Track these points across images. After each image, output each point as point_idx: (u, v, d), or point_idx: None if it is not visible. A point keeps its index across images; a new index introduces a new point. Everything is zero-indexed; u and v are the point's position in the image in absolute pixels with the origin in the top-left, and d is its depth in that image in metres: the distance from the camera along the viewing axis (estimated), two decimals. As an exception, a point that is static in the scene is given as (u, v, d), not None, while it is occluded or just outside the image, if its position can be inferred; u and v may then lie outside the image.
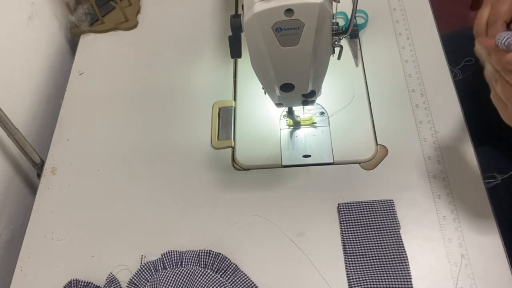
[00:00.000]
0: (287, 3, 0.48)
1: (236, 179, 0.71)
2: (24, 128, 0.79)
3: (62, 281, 0.64)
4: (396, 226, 0.63)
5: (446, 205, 0.65)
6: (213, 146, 0.75)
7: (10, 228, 0.78)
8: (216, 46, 0.87)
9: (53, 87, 0.91)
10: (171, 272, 0.62)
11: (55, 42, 0.93)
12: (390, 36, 0.83)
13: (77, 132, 0.79)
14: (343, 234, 0.64)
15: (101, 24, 0.92)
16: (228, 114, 0.78)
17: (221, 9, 0.92)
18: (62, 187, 0.74)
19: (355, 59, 0.81)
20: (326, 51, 0.56)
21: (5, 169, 0.77)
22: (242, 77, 0.82)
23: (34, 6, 0.86)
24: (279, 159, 0.72)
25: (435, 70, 0.78)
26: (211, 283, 0.61)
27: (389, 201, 0.66)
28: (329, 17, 0.51)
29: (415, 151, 0.70)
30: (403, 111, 0.74)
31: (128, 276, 0.63)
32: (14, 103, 0.79)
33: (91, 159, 0.76)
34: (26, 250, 0.68)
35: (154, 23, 0.92)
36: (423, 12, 0.85)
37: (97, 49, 0.90)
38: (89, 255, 0.67)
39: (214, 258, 0.63)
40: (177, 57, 0.86)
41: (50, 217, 0.71)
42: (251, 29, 0.51)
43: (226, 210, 0.68)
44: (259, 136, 0.75)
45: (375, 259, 0.61)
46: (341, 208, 0.66)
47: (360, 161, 0.70)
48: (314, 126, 0.75)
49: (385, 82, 0.78)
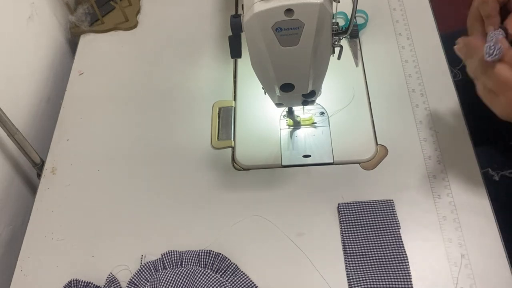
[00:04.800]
0: (287, 3, 0.48)
1: (236, 179, 0.71)
2: (24, 128, 0.79)
3: (62, 281, 0.64)
4: (396, 226, 0.63)
5: (446, 205, 0.65)
6: (213, 146, 0.75)
7: (10, 228, 0.78)
8: (216, 46, 0.87)
9: (53, 87, 0.91)
10: (171, 272, 0.62)
11: (55, 42, 0.93)
12: (390, 36, 0.83)
13: (77, 132, 0.79)
14: (343, 234, 0.64)
15: (101, 24, 0.92)
16: (228, 114, 0.78)
17: (221, 9, 0.92)
18: (62, 187, 0.74)
19: (355, 59, 0.81)
20: (326, 51, 0.56)
21: (5, 169, 0.77)
22: (242, 77, 0.82)
23: (34, 6, 0.86)
24: (279, 159, 0.72)
25: (435, 70, 0.78)
26: (211, 283, 0.61)
27: (389, 201, 0.66)
28: (329, 17, 0.51)
29: (415, 151, 0.70)
30: (403, 111, 0.74)
31: (128, 276, 0.63)
32: (14, 103, 0.79)
33: (91, 159, 0.76)
34: (26, 250, 0.68)
35: (154, 23, 0.92)
36: (423, 12, 0.85)
37: (97, 49, 0.90)
38: (89, 255, 0.67)
39: (214, 258, 0.63)
40: (177, 57, 0.86)
41: (50, 217, 0.71)
42: (251, 29, 0.51)
43: (226, 210, 0.68)
44: (259, 136, 0.75)
45: (375, 259, 0.61)
46: (341, 208, 0.66)
47: (360, 161, 0.70)
48: (314, 126, 0.75)
49: (385, 82, 0.78)
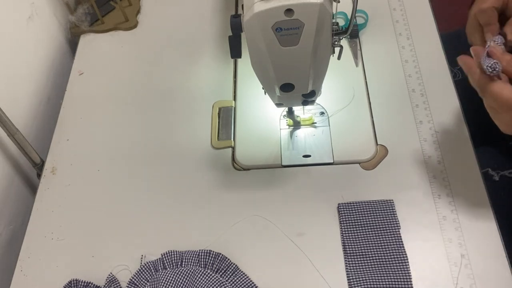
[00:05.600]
0: (287, 3, 0.48)
1: (236, 179, 0.71)
2: (24, 128, 0.79)
3: (62, 281, 0.64)
4: (396, 226, 0.63)
5: (446, 205, 0.65)
6: (213, 146, 0.75)
7: (10, 228, 0.77)
8: (216, 46, 0.87)
9: (53, 87, 0.91)
10: (171, 272, 0.62)
11: (55, 42, 0.93)
12: (390, 36, 0.83)
13: (77, 132, 0.79)
14: (343, 234, 0.64)
15: (101, 24, 0.92)
16: (228, 114, 0.78)
17: (221, 9, 0.92)
18: (62, 187, 0.73)
19: (355, 59, 0.81)
20: (326, 51, 0.56)
21: (5, 169, 0.77)
22: (242, 77, 0.82)
23: (34, 6, 0.86)
24: (279, 159, 0.72)
25: (435, 70, 0.78)
26: (211, 283, 0.61)
27: (389, 201, 0.66)
28: (329, 17, 0.51)
29: (415, 151, 0.70)
30: (403, 111, 0.74)
31: (128, 276, 0.63)
32: (14, 103, 0.79)
33: (91, 159, 0.76)
34: (26, 250, 0.68)
35: (154, 23, 0.92)
36: (423, 12, 0.85)
37: (97, 49, 0.90)
38: (89, 255, 0.67)
39: (214, 258, 0.63)
40: (177, 57, 0.86)
41: (50, 217, 0.71)
42: (251, 29, 0.51)
43: (226, 210, 0.68)
44: (259, 136, 0.75)
45: (375, 259, 0.61)
46: (341, 208, 0.66)
47: (360, 161, 0.70)
48: (314, 126, 0.75)
49: (385, 82, 0.78)
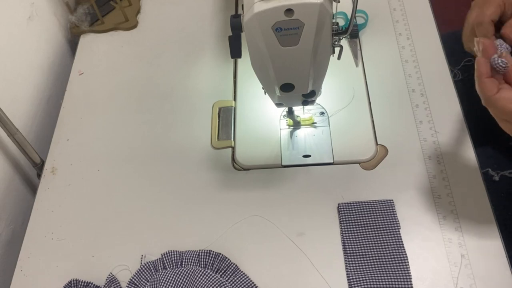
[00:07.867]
0: (287, 3, 0.48)
1: (236, 179, 0.71)
2: (24, 128, 0.79)
3: (62, 281, 0.64)
4: (396, 226, 0.63)
5: (446, 205, 0.65)
6: (213, 146, 0.75)
7: (10, 228, 0.77)
8: (216, 46, 0.87)
9: (53, 87, 0.91)
10: (171, 272, 0.62)
11: (55, 42, 0.93)
12: (390, 36, 0.83)
13: (77, 132, 0.79)
14: (343, 234, 0.64)
15: (101, 24, 0.92)
16: (228, 114, 0.78)
17: (221, 9, 0.92)
18: (62, 187, 0.74)
19: (355, 59, 0.81)
20: (326, 51, 0.56)
21: (5, 169, 0.77)
22: (242, 77, 0.82)
23: (34, 6, 0.86)
24: (279, 159, 0.72)
25: (435, 70, 0.78)
26: (211, 283, 0.61)
27: (389, 201, 0.66)
28: (329, 17, 0.51)
29: (415, 151, 0.70)
30: (403, 111, 0.74)
31: (128, 276, 0.63)
32: (14, 103, 0.79)
33: (91, 159, 0.76)
34: (26, 250, 0.68)
35: (154, 23, 0.92)
36: (423, 12, 0.85)
37: (97, 49, 0.90)
38: (89, 255, 0.67)
39: (214, 258, 0.63)
40: (177, 57, 0.86)
41: (50, 217, 0.71)
42: (251, 29, 0.51)
43: (226, 210, 0.68)
44: (259, 136, 0.75)
45: (375, 259, 0.61)
46: (341, 208, 0.66)
47: (360, 161, 0.70)
48: (314, 126, 0.75)
49: (385, 82, 0.78)
